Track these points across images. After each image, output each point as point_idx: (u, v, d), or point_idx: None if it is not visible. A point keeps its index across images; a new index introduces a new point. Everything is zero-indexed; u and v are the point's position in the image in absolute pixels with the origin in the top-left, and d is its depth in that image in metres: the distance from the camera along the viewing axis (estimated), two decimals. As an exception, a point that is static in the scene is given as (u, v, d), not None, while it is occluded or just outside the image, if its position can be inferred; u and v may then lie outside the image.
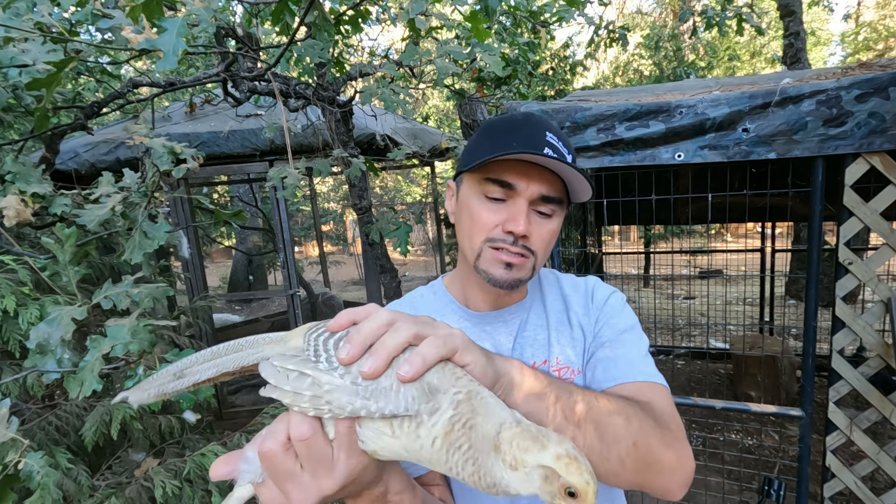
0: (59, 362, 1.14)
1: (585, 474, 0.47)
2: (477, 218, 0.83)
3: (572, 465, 0.47)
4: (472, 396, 0.52)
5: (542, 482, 0.47)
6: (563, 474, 0.46)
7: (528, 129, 0.81)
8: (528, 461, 0.47)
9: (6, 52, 1.30)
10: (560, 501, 0.48)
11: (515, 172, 0.80)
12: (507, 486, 0.48)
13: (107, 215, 1.30)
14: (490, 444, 0.48)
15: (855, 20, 15.95)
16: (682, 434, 0.75)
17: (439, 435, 0.49)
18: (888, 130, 1.71)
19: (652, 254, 8.14)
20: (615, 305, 0.93)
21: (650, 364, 0.85)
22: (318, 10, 1.73)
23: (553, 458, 0.47)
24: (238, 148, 3.95)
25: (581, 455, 0.48)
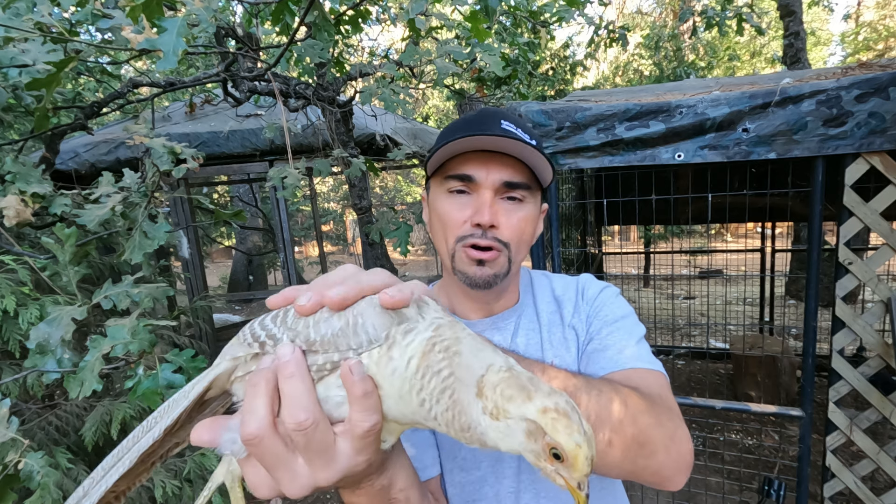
0: (59, 362, 1.14)
1: (576, 434, 0.40)
2: (445, 218, 0.81)
3: (561, 421, 0.39)
4: (457, 326, 0.45)
5: (525, 438, 0.40)
6: (548, 431, 0.39)
7: (480, 120, 0.80)
8: (512, 412, 0.40)
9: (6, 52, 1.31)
10: (545, 463, 0.41)
11: (473, 163, 0.78)
12: (484, 435, 0.41)
13: (107, 215, 1.30)
14: (473, 382, 0.41)
15: (855, 20, 15.96)
16: (675, 414, 0.71)
17: (416, 354, 0.42)
18: (888, 130, 1.71)
19: (652, 254, 8.14)
20: (606, 299, 0.91)
21: (643, 350, 0.82)
22: (318, 10, 1.73)
23: (539, 412, 0.40)
24: (238, 148, 3.95)
25: (575, 412, 0.41)
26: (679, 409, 0.74)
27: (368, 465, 0.46)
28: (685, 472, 0.69)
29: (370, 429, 0.42)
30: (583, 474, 0.40)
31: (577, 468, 0.40)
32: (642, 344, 0.83)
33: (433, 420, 0.43)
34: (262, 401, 0.42)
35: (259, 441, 0.41)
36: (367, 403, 0.42)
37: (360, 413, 0.42)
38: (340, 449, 0.43)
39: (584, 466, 0.40)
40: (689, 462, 0.69)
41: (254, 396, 0.42)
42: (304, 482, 0.43)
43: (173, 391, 1.19)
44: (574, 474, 0.40)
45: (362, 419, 0.42)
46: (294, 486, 0.43)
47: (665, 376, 0.79)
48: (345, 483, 0.47)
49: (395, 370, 0.42)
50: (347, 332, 0.43)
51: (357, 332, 0.43)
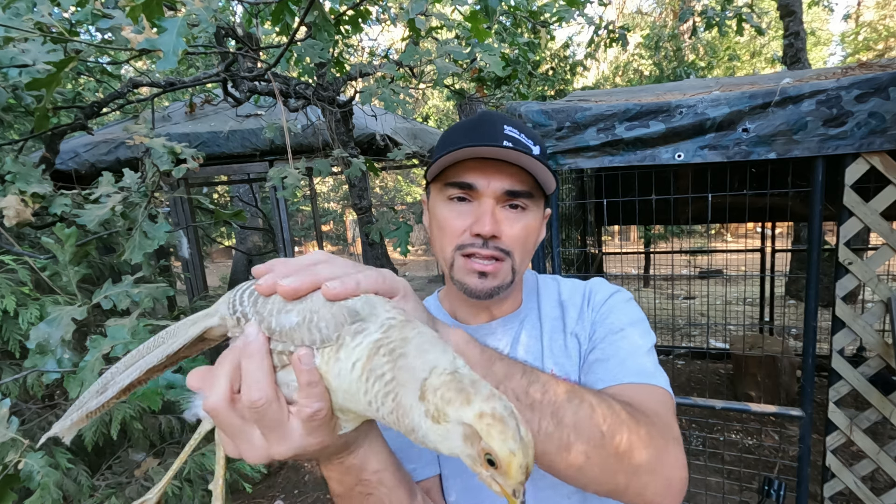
0: (59, 362, 1.14)
1: (510, 441, 0.39)
2: (444, 225, 0.80)
3: (496, 427, 0.39)
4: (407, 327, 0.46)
5: (462, 442, 0.40)
6: (483, 437, 0.39)
7: (483, 127, 0.79)
8: (450, 415, 0.40)
9: (6, 52, 1.31)
10: (480, 468, 0.41)
11: (474, 172, 0.77)
12: (425, 437, 0.42)
13: (107, 215, 1.30)
14: (416, 386, 0.41)
15: (855, 20, 15.96)
16: (670, 436, 0.66)
17: (361, 358, 0.43)
18: (888, 130, 1.71)
19: (652, 254, 8.14)
20: (615, 304, 0.86)
21: (647, 363, 0.77)
22: (318, 10, 1.73)
23: (475, 416, 0.39)
24: (238, 148, 3.95)
25: (512, 417, 0.40)
26: (678, 432, 0.69)
27: (323, 446, 0.48)
28: (674, 497, 0.64)
29: (313, 414, 0.45)
30: (517, 482, 0.40)
31: (510, 475, 0.39)
32: (649, 356, 0.78)
33: (383, 419, 0.44)
34: (224, 378, 0.46)
35: (217, 413, 0.46)
36: (311, 391, 0.45)
37: (305, 399, 0.45)
38: (293, 427, 0.46)
39: (517, 474, 0.39)
40: (678, 488, 0.64)
41: (218, 372, 0.47)
42: (261, 453, 0.47)
43: (173, 391, 1.20)
44: (508, 481, 0.40)
45: (306, 405, 0.45)
46: (251, 454, 0.47)
47: (668, 393, 0.74)
48: (307, 458, 0.50)
49: (341, 372, 0.44)
50: (302, 328, 0.46)
51: (311, 330, 0.45)
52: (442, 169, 0.81)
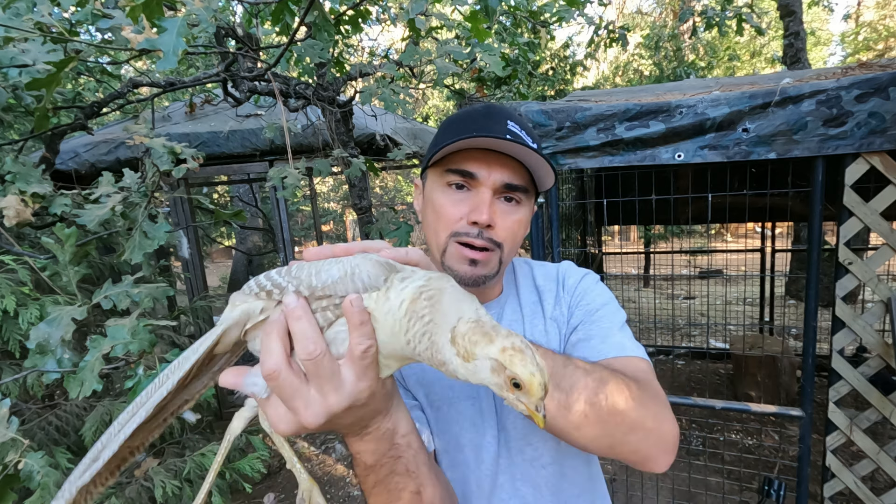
0: (59, 362, 1.14)
1: (530, 365, 0.48)
2: (440, 211, 0.81)
3: (517, 356, 0.47)
4: (443, 279, 0.54)
5: (491, 374, 0.48)
6: (507, 366, 0.47)
7: (488, 118, 0.80)
8: (478, 353, 0.48)
9: (6, 52, 1.31)
10: (508, 393, 0.49)
11: (476, 161, 0.79)
12: (456, 371, 0.50)
13: (107, 215, 1.30)
14: (448, 329, 0.49)
15: (855, 20, 15.96)
16: (659, 399, 0.71)
17: (407, 298, 0.50)
18: (888, 130, 1.71)
19: (652, 254, 8.14)
20: (586, 286, 0.91)
21: (625, 338, 0.82)
22: (318, 10, 1.73)
23: (499, 351, 0.48)
24: (238, 148, 3.95)
25: (529, 348, 0.49)
26: (664, 396, 0.75)
27: (371, 392, 0.52)
28: (668, 453, 0.69)
29: (366, 350, 0.50)
30: (538, 398, 0.49)
31: (532, 393, 0.48)
32: (624, 330, 0.84)
33: (418, 355, 0.51)
34: (277, 342, 0.50)
35: (277, 375, 0.49)
36: (363, 330, 0.50)
37: (358, 338, 0.50)
38: (345, 375, 0.51)
39: (538, 391, 0.48)
40: (671, 443, 0.69)
41: (269, 340, 0.51)
42: (318, 409, 0.50)
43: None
44: (531, 399, 0.49)
45: (359, 342, 0.50)
46: (309, 413, 0.50)
47: (648, 362, 0.80)
48: (357, 420, 0.54)
49: (390, 310, 0.51)
50: (346, 280, 0.52)
51: (353, 280, 0.52)
52: (444, 155, 0.82)
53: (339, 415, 0.51)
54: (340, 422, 0.53)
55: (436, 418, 0.85)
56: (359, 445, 0.58)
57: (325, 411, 0.50)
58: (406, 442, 0.60)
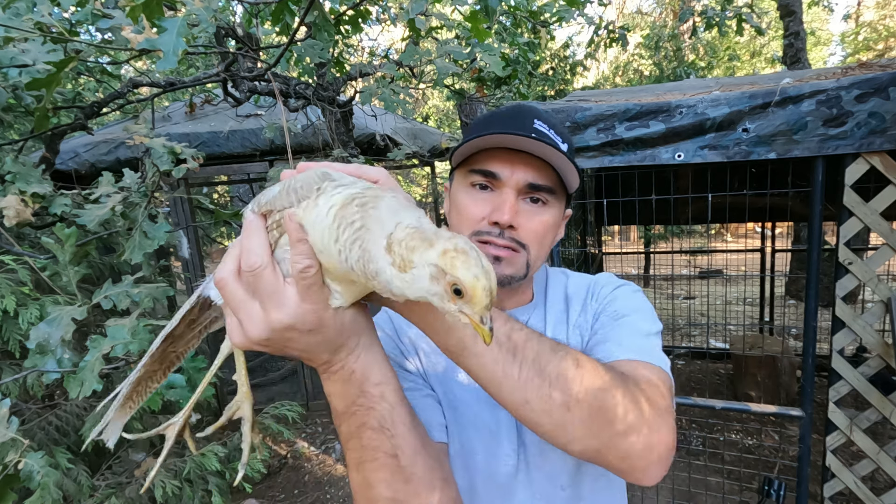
0: (59, 362, 1.14)
1: (474, 267, 0.42)
2: (463, 211, 0.80)
3: (459, 258, 0.42)
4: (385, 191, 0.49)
5: (430, 283, 0.43)
6: (448, 270, 0.42)
7: (513, 117, 0.79)
8: (416, 261, 0.42)
9: (6, 52, 1.31)
10: (449, 304, 0.43)
11: (499, 160, 0.77)
12: (390, 283, 0.45)
13: (107, 215, 1.30)
14: (383, 235, 0.44)
15: (855, 20, 15.95)
16: (662, 408, 0.64)
17: (336, 204, 0.47)
18: (888, 130, 1.71)
19: (652, 254, 8.15)
20: (619, 295, 0.85)
21: (648, 345, 0.74)
22: (318, 10, 1.73)
23: (439, 255, 0.42)
24: (238, 148, 3.95)
25: (473, 250, 0.43)
26: (671, 406, 0.67)
27: (317, 318, 0.51)
28: (660, 465, 0.62)
29: (304, 269, 0.48)
30: (482, 306, 0.43)
31: (475, 299, 0.42)
32: (650, 339, 0.76)
33: (351, 269, 0.47)
34: (231, 256, 0.52)
35: (224, 284, 0.52)
36: (301, 248, 0.49)
37: (296, 256, 0.49)
38: (288, 294, 0.50)
39: (482, 297, 0.42)
40: (664, 455, 0.62)
41: (227, 253, 0.53)
42: (259, 324, 0.51)
43: (173, 391, 1.20)
44: (475, 308, 0.43)
45: (297, 261, 0.49)
46: (252, 326, 0.51)
47: (666, 374, 0.71)
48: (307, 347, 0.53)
49: (318, 217, 0.47)
50: (282, 195, 0.50)
51: (289, 193, 0.50)
52: (468, 156, 0.81)
53: (283, 334, 0.51)
54: (292, 345, 0.52)
55: (453, 419, 0.81)
56: (328, 386, 0.57)
57: (266, 327, 0.50)
58: (379, 392, 0.57)
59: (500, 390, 0.59)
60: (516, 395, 0.58)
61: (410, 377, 0.83)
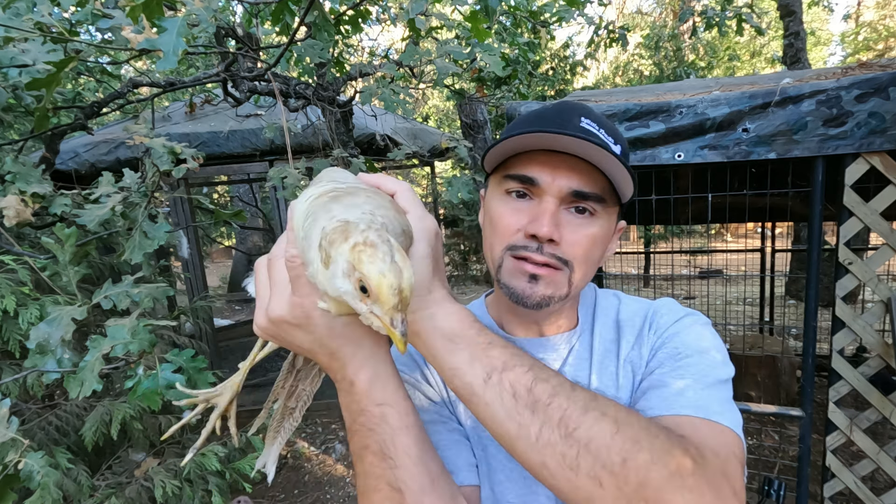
0: (59, 362, 1.14)
1: (379, 262, 0.37)
2: (497, 222, 0.69)
3: (366, 251, 0.38)
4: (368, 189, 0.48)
5: (344, 280, 0.39)
6: (355, 265, 0.38)
7: (557, 115, 0.68)
8: (333, 255, 0.40)
9: (6, 52, 1.31)
10: (360, 304, 0.40)
11: (538, 164, 0.66)
12: (315, 277, 0.44)
13: (107, 215, 1.30)
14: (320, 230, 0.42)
15: (855, 20, 15.96)
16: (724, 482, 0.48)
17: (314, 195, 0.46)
18: (888, 130, 1.71)
19: (652, 254, 8.14)
20: (682, 328, 0.71)
21: (714, 397, 0.60)
22: (318, 10, 1.73)
23: (350, 248, 0.38)
24: (238, 148, 3.95)
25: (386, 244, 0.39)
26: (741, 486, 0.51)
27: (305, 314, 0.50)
28: None
29: (290, 258, 0.49)
30: (390, 306, 0.38)
31: (381, 298, 0.38)
32: (717, 389, 0.62)
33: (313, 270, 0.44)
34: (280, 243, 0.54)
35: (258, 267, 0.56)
36: (289, 235, 0.50)
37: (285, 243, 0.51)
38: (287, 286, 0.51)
39: (388, 297, 0.38)
40: None
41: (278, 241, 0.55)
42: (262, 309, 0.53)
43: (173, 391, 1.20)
44: (383, 308, 0.38)
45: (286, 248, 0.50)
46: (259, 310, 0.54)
47: (738, 439, 0.57)
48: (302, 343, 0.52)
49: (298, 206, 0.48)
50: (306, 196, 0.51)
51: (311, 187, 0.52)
52: (504, 159, 0.71)
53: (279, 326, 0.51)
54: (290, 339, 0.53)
55: (483, 459, 0.72)
56: (338, 395, 0.55)
57: (265, 314, 0.52)
58: (380, 413, 0.52)
59: (513, 447, 0.50)
60: (531, 455, 0.48)
61: (434, 408, 0.74)
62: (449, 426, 0.72)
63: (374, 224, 0.41)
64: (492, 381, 0.50)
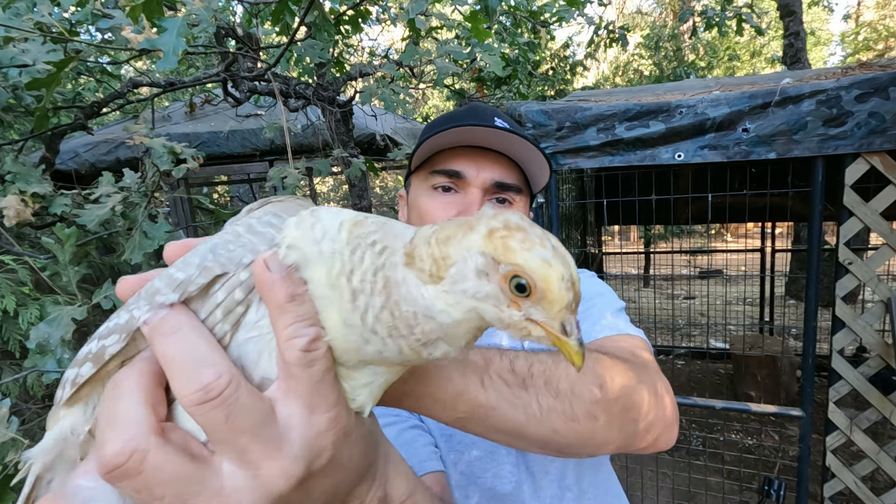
0: (59, 362, 1.14)
1: (538, 248, 0.29)
2: (426, 217, 0.73)
3: (515, 235, 0.29)
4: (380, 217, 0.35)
5: (477, 280, 0.29)
6: (500, 257, 0.29)
7: (472, 116, 0.75)
8: (452, 254, 0.29)
9: (6, 52, 1.31)
10: (509, 311, 0.29)
11: (463, 159, 0.72)
12: (430, 311, 0.29)
13: (107, 215, 1.30)
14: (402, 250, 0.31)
15: (855, 20, 15.96)
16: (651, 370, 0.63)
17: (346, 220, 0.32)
18: (888, 130, 1.71)
19: (652, 254, 8.14)
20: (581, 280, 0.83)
21: (619, 321, 0.74)
22: (318, 10, 1.73)
23: (485, 237, 0.29)
24: (238, 148, 3.95)
25: (534, 226, 0.30)
26: (657, 366, 0.66)
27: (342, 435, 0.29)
28: (673, 427, 0.63)
29: (311, 342, 0.28)
30: (563, 304, 0.29)
31: (550, 294, 0.29)
32: (619, 315, 0.77)
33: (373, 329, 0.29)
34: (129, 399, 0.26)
35: (139, 459, 0.25)
36: (298, 310, 0.28)
37: (292, 327, 0.27)
38: (283, 416, 0.28)
39: (560, 291, 0.29)
40: (673, 416, 0.63)
41: (112, 403, 0.27)
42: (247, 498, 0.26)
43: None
44: (553, 309, 0.29)
45: (294, 333, 0.27)
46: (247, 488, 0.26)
47: (643, 339, 0.73)
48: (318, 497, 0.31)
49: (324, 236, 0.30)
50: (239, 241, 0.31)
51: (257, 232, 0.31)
52: (427, 157, 0.75)
53: (296, 493, 0.28)
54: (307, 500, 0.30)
55: (449, 447, 0.74)
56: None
57: (264, 494, 0.27)
58: None
59: (526, 433, 0.51)
60: (543, 428, 0.51)
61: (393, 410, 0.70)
62: (409, 423, 0.73)
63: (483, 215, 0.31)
64: (486, 385, 0.49)
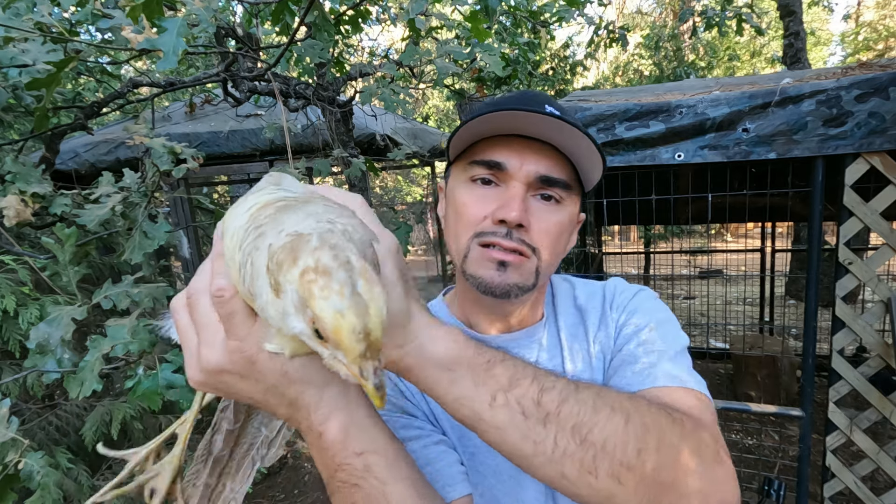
0: (59, 362, 1.14)
1: (335, 297, 0.28)
2: (463, 210, 0.67)
3: (317, 282, 0.29)
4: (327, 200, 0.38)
5: (296, 315, 0.31)
6: (306, 300, 0.29)
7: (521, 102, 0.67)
8: (282, 283, 0.31)
9: (6, 52, 1.31)
10: (321, 348, 0.32)
11: (506, 149, 0.65)
12: (265, 311, 0.34)
13: (107, 215, 1.30)
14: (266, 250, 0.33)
15: (855, 20, 15.95)
16: (718, 445, 0.54)
17: (258, 203, 0.37)
18: (888, 130, 1.71)
19: (652, 254, 8.14)
20: (640, 303, 0.74)
21: (681, 365, 0.65)
22: (318, 10, 1.73)
23: (299, 276, 0.30)
24: (238, 148, 3.95)
25: (345, 268, 0.29)
26: (724, 441, 0.56)
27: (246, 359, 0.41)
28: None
29: (217, 291, 0.40)
30: (355, 354, 0.30)
31: (342, 344, 0.29)
32: (681, 358, 0.67)
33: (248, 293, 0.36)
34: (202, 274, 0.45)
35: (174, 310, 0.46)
36: (217, 264, 0.42)
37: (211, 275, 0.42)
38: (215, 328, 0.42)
39: (350, 342, 0.29)
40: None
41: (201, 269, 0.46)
42: (193, 362, 0.44)
43: (173, 391, 1.20)
44: (348, 356, 0.30)
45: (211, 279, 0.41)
46: (190, 365, 0.45)
47: (708, 398, 0.63)
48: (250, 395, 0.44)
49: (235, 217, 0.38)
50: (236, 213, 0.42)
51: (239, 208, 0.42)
52: (468, 146, 0.69)
53: (217, 377, 0.43)
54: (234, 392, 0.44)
55: (471, 467, 0.70)
56: (311, 451, 0.48)
57: (198, 367, 0.43)
58: (363, 464, 0.45)
59: (529, 465, 0.48)
60: (549, 470, 0.47)
61: (416, 423, 0.69)
62: (433, 439, 0.68)
63: (331, 236, 0.31)
64: (497, 403, 0.47)
